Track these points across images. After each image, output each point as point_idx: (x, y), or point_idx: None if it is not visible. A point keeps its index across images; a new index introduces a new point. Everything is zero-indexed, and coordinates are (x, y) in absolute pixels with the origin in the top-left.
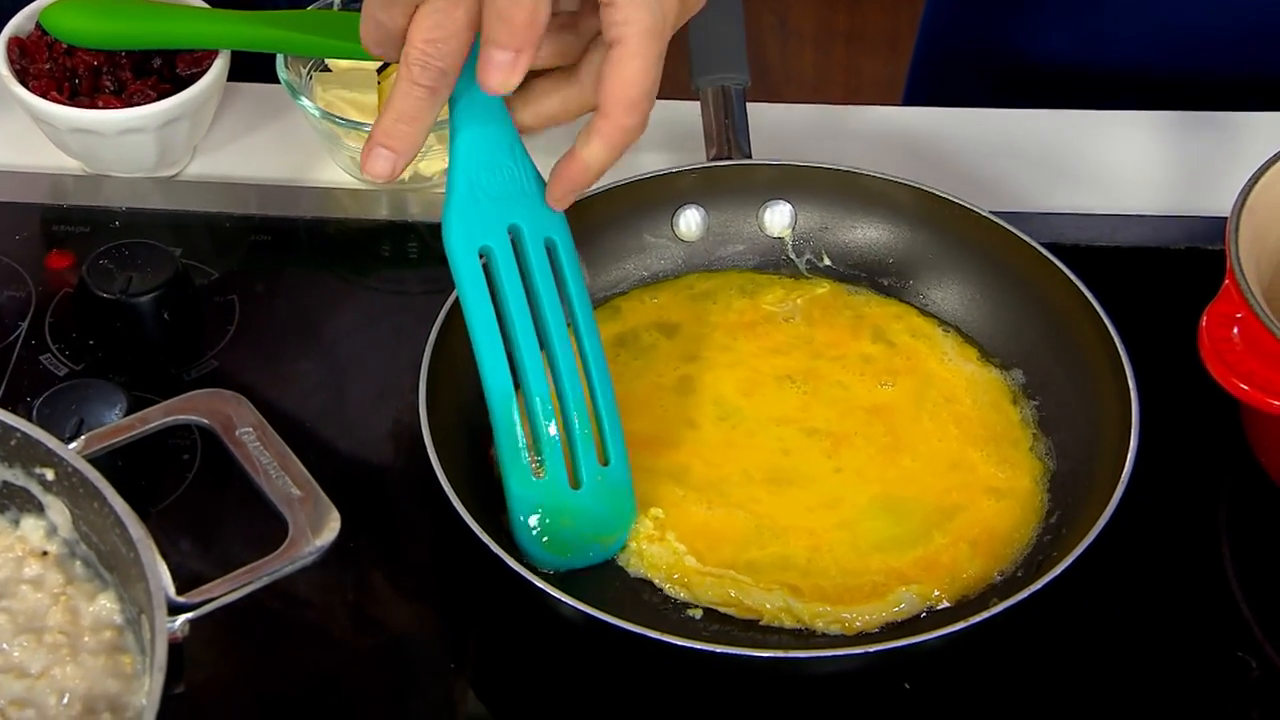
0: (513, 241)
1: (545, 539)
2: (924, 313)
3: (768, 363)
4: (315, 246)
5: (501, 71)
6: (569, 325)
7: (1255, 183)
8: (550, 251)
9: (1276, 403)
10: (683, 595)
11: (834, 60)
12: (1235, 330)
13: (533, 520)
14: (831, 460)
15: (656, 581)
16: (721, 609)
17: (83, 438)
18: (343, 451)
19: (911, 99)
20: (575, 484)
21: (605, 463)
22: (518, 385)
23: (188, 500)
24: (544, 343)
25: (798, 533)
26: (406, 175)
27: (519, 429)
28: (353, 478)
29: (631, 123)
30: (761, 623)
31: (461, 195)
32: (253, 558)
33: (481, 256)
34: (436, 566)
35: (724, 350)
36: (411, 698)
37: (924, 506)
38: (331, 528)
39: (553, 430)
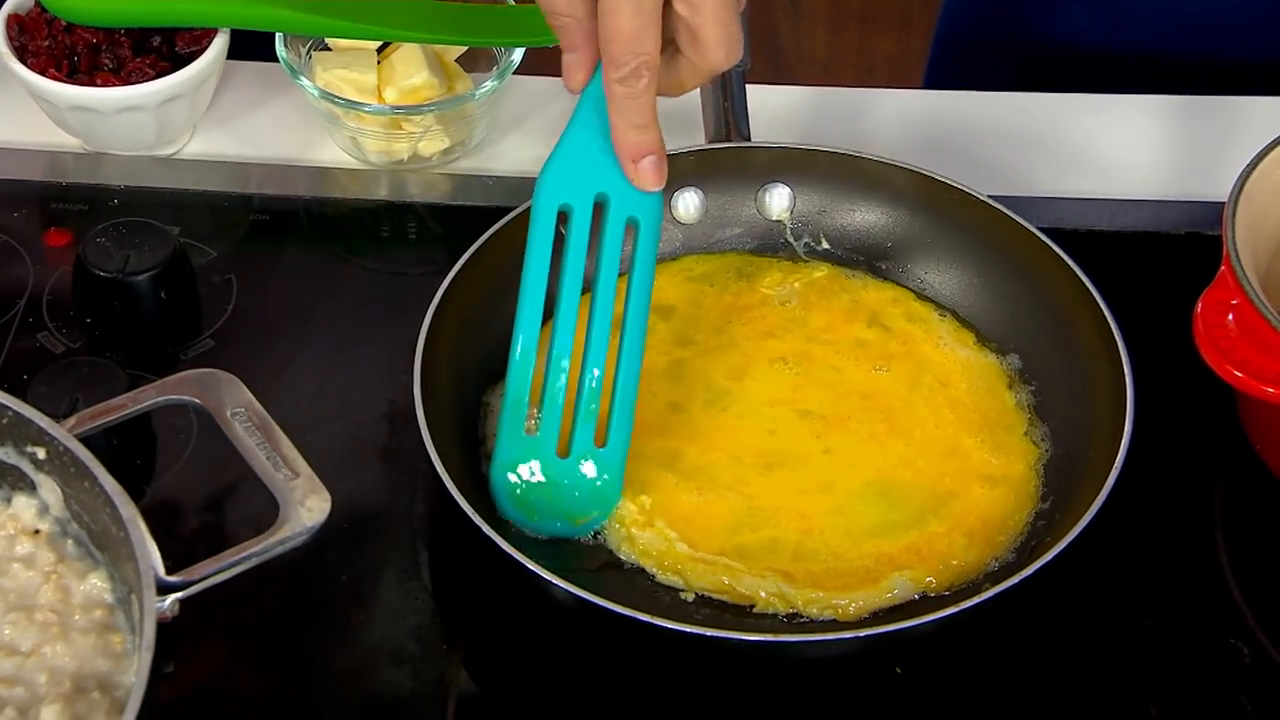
0: (600, 208)
1: (517, 494)
2: (921, 297)
3: (761, 346)
4: (314, 226)
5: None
6: (621, 307)
7: (1253, 169)
8: (634, 230)
9: (1271, 390)
10: (675, 581)
11: (846, 40)
12: (1230, 317)
13: (511, 474)
14: (822, 442)
15: (648, 568)
16: (714, 595)
17: (74, 416)
18: (339, 432)
19: (932, 83)
20: (564, 453)
21: (602, 444)
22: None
23: (184, 479)
24: (591, 315)
25: (789, 515)
26: (406, 156)
27: (529, 381)
28: (348, 458)
29: (617, 75)
30: (754, 609)
31: (569, 150)
32: (248, 537)
33: (563, 214)
34: (430, 548)
35: (718, 333)
36: (404, 679)
37: (919, 493)
38: (321, 509)
39: (560, 395)
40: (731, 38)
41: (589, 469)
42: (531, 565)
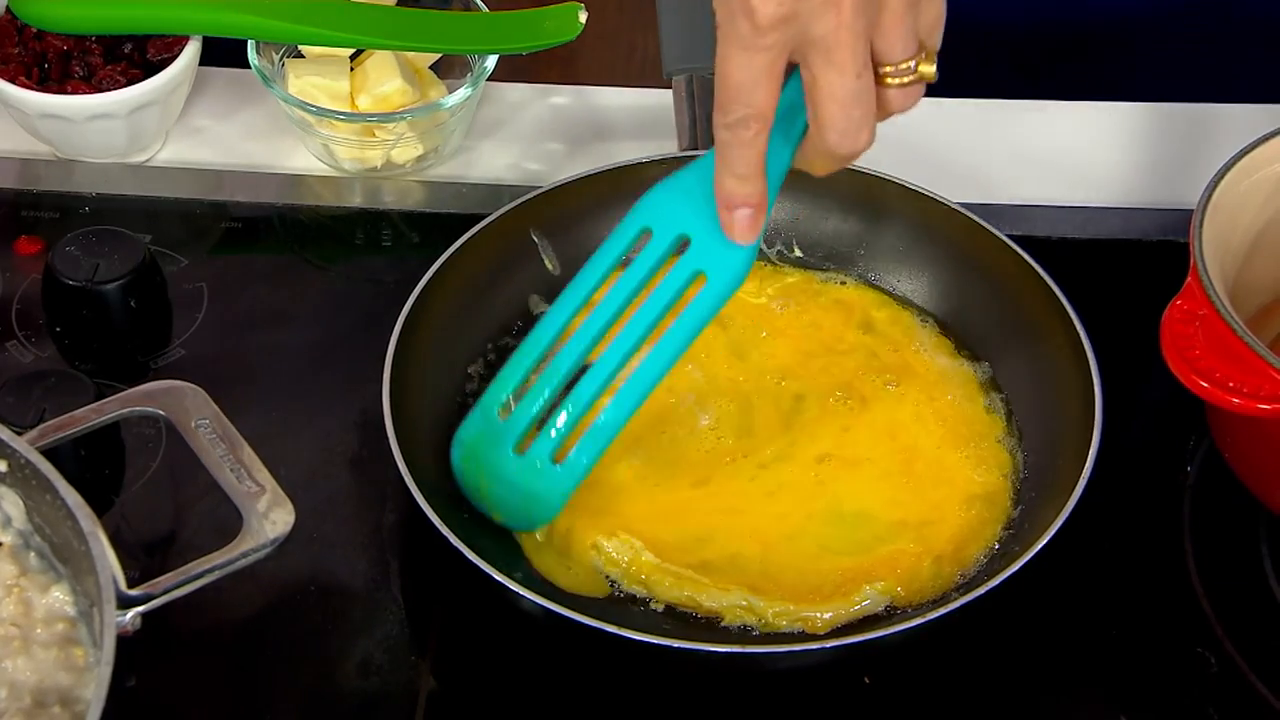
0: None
1: (466, 465)
2: (904, 304)
3: (800, 365)
4: (286, 234)
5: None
6: (644, 350)
7: (1219, 180)
8: (702, 284)
9: (1237, 401)
10: (641, 592)
11: None
12: (1197, 327)
13: (464, 448)
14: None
15: (614, 576)
16: (681, 608)
17: (37, 429)
18: (309, 441)
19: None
20: (521, 451)
21: (559, 462)
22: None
23: (152, 489)
24: (615, 339)
25: (745, 534)
26: (379, 163)
27: (524, 372)
28: (319, 468)
29: (723, 120)
30: (723, 623)
31: (685, 179)
32: (216, 548)
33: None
34: (399, 558)
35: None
36: (373, 690)
37: (897, 520)
38: (285, 521)
39: (543, 397)
40: (852, 123)
41: (534, 480)
42: (499, 577)
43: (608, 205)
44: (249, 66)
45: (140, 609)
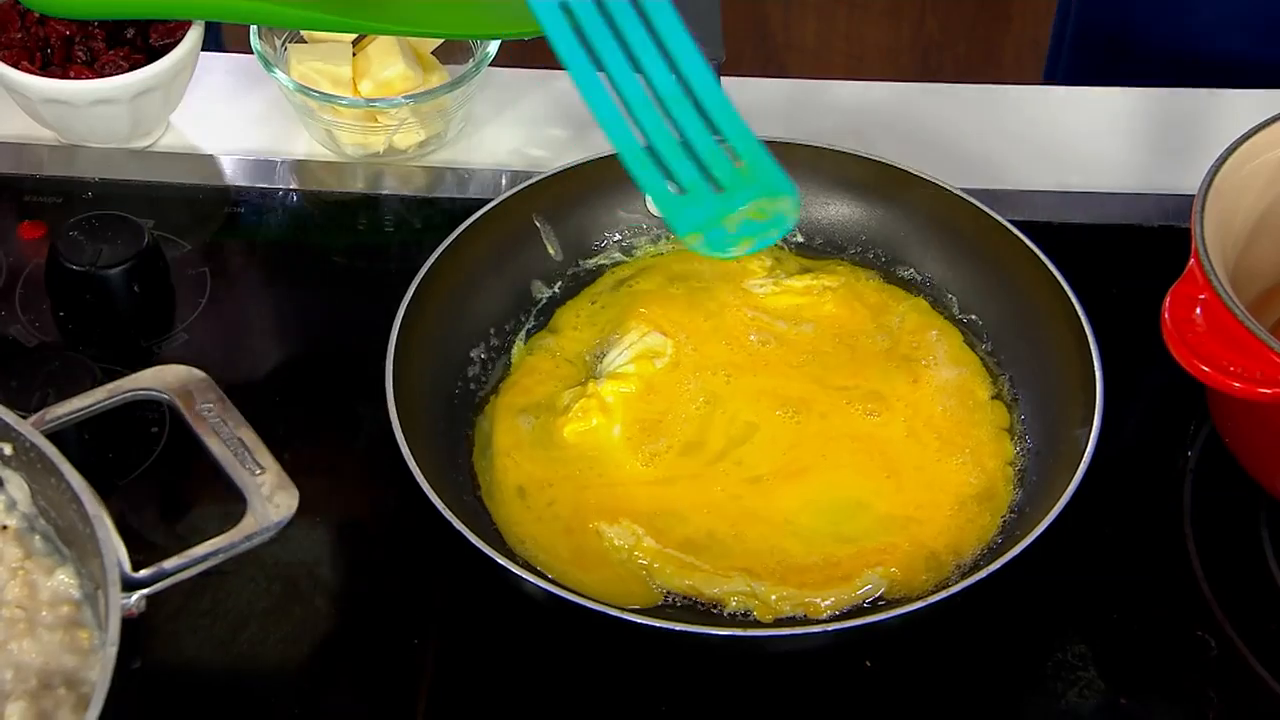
0: None
1: (718, 242)
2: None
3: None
4: (289, 219)
5: None
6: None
7: (1221, 164)
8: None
9: (1238, 385)
10: (644, 577)
11: (836, 28)
12: (1198, 312)
13: (696, 237)
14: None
15: (616, 563)
16: (684, 594)
17: (40, 412)
18: (311, 425)
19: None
20: (719, 188)
21: (740, 163)
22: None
23: (156, 473)
24: (642, 71)
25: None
26: (382, 148)
27: (649, 162)
28: (321, 452)
29: None
30: (725, 609)
31: None
32: (220, 531)
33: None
34: (402, 542)
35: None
36: (375, 673)
37: (898, 507)
38: (289, 505)
39: (674, 145)
40: None
41: (747, 179)
42: (501, 560)
43: (610, 191)
44: (251, 52)
45: (145, 592)
